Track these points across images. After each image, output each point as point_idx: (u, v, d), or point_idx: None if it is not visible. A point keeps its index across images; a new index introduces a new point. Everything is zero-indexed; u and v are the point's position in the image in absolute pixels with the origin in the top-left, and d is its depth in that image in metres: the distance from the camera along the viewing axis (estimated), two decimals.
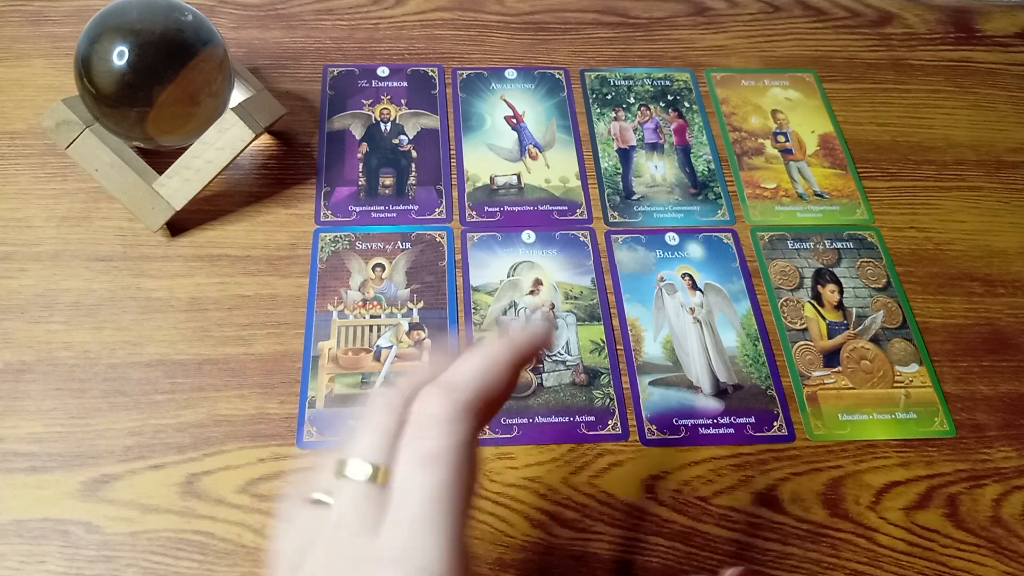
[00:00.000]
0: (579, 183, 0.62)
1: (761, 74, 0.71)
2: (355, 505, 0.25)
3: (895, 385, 0.54)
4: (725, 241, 0.60)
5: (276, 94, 0.62)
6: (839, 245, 0.61)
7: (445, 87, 0.67)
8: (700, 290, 0.57)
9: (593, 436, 0.51)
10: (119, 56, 0.49)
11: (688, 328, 0.56)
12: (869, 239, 0.61)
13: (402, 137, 0.64)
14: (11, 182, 0.58)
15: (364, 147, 0.63)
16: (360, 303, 0.55)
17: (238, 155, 0.54)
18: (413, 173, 0.62)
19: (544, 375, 0.53)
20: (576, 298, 0.56)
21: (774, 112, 0.69)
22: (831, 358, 0.55)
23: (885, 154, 0.67)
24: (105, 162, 0.53)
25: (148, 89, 0.50)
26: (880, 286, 0.59)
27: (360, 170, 0.61)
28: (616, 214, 0.61)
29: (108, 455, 0.47)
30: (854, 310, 0.58)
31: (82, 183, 0.58)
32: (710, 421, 0.52)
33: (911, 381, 0.55)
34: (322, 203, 0.59)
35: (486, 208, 0.60)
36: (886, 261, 0.60)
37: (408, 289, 0.56)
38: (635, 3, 0.75)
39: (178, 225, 0.57)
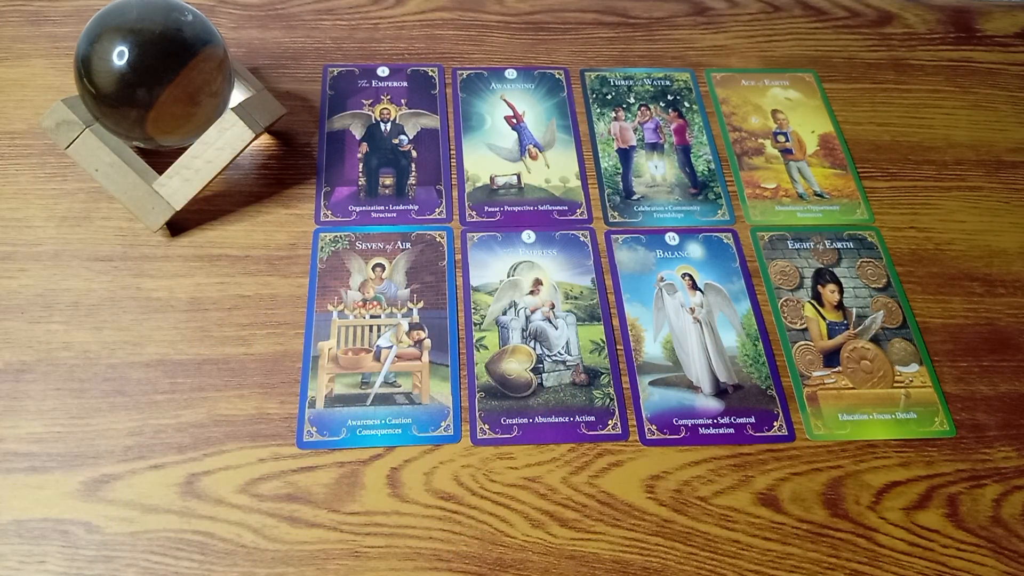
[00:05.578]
0: (579, 183, 0.62)
1: (761, 74, 0.71)
2: None
3: (895, 385, 0.54)
4: (725, 241, 0.60)
5: (276, 94, 0.62)
6: (839, 245, 0.61)
7: (445, 87, 0.67)
8: (700, 290, 0.57)
9: (593, 436, 0.51)
10: (119, 56, 0.49)
11: (688, 328, 0.56)
12: (869, 239, 0.61)
13: (402, 137, 0.64)
14: (11, 182, 0.58)
15: (364, 147, 0.63)
16: (360, 303, 0.55)
17: (238, 155, 0.54)
18: (413, 173, 0.62)
19: (544, 375, 0.53)
20: (576, 298, 0.56)
21: (774, 112, 0.69)
22: (831, 358, 0.55)
23: (885, 154, 0.67)
24: (105, 162, 0.53)
25: (148, 89, 0.50)
26: (880, 286, 0.59)
27: (360, 170, 0.61)
28: (616, 214, 0.61)
29: (108, 455, 0.47)
30: (854, 310, 0.58)
31: (82, 183, 0.58)
32: (710, 421, 0.52)
33: (911, 381, 0.55)
34: (322, 203, 0.59)
35: (486, 208, 0.60)
36: (886, 261, 0.60)
37: (408, 289, 0.56)
38: (635, 3, 0.75)
39: (178, 225, 0.57)
